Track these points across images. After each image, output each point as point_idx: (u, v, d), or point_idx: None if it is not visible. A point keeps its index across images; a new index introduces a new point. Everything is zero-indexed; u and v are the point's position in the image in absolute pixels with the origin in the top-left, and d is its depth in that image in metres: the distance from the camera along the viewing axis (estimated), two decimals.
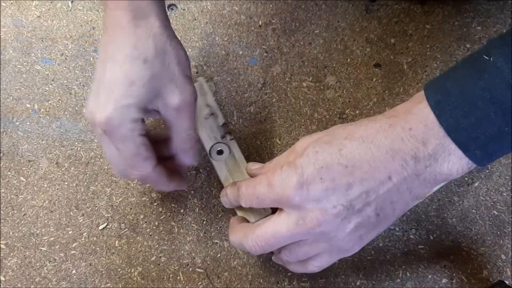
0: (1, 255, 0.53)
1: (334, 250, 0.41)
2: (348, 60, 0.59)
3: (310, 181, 0.37)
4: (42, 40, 0.60)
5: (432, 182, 0.37)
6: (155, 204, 0.55)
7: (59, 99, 0.58)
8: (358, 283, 0.51)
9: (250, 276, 0.52)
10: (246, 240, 0.42)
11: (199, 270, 0.52)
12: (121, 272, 0.52)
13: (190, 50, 0.60)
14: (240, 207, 0.46)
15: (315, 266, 0.42)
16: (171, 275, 0.52)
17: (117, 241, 0.53)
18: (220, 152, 0.52)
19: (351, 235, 0.39)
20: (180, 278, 0.52)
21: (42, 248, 0.53)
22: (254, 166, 0.47)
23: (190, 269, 0.52)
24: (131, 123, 0.40)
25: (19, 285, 0.52)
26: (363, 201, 0.37)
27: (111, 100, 0.40)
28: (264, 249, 0.41)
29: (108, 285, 0.52)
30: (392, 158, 0.37)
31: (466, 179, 0.55)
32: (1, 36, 0.60)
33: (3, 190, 0.55)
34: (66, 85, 0.59)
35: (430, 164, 0.36)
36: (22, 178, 0.55)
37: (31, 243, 0.53)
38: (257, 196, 0.41)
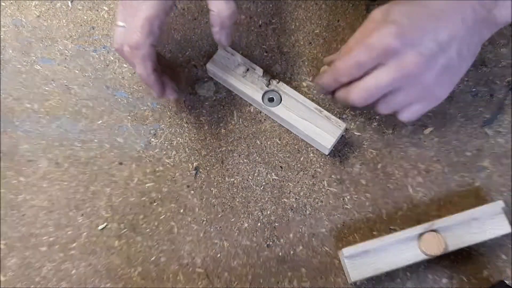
0: (1, 255, 0.53)
1: (425, 97, 0.47)
2: None
3: (406, 29, 0.43)
4: (41, 40, 0.60)
5: (493, 26, 0.45)
6: (154, 204, 0.54)
7: (59, 99, 0.58)
8: (358, 283, 0.51)
9: (250, 276, 0.52)
10: (350, 94, 0.47)
11: (199, 270, 0.52)
12: (120, 272, 0.52)
13: (190, 50, 0.59)
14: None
15: (407, 115, 0.48)
16: (171, 275, 0.52)
17: (116, 241, 0.53)
18: (271, 100, 0.55)
19: (440, 77, 0.45)
20: (180, 278, 0.52)
21: (41, 248, 0.53)
22: (328, 57, 0.53)
23: (190, 269, 0.52)
24: None
25: (18, 285, 0.52)
26: (447, 43, 0.43)
27: None
28: (367, 100, 0.46)
29: (108, 285, 0.52)
30: (464, 5, 0.44)
31: (467, 179, 0.55)
32: (1, 36, 0.60)
33: (2, 190, 0.55)
34: (65, 85, 0.59)
35: (492, 8, 0.44)
36: (21, 178, 0.55)
37: (30, 243, 0.53)
38: (357, 61, 0.45)
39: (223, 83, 0.58)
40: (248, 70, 0.56)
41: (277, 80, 0.55)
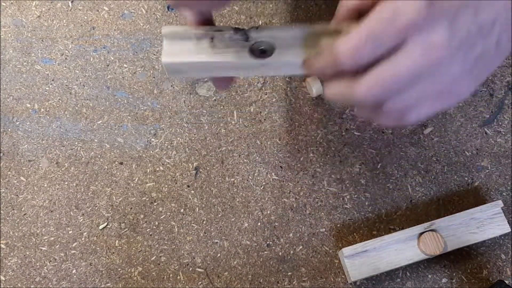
0: (1, 254, 0.53)
1: (445, 93, 0.34)
2: None
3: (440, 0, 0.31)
4: (42, 40, 0.60)
5: None
6: (155, 204, 0.55)
7: (59, 99, 0.58)
8: (358, 283, 0.51)
9: (250, 276, 0.52)
10: (357, 87, 0.33)
11: (199, 269, 0.53)
12: (121, 271, 0.52)
13: None
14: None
15: (414, 115, 0.35)
16: (171, 275, 0.52)
17: (117, 241, 0.53)
18: (263, 51, 0.37)
19: (471, 69, 0.34)
20: (180, 278, 0.52)
21: (42, 248, 0.53)
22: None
23: (190, 268, 0.53)
24: None
25: (19, 284, 0.52)
26: (489, 26, 0.33)
27: None
28: (380, 96, 0.33)
29: (108, 284, 0.52)
30: None
31: (466, 178, 0.55)
32: (1, 36, 0.60)
33: (3, 190, 0.55)
34: (66, 85, 0.59)
35: None
36: (22, 178, 0.56)
37: (31, 243, 0.53)
38: (372, 37, 0.31)
39: (195, 74, 0.42)
40: (213, 38, 0.38)
41: (256, 27, 0.38)
